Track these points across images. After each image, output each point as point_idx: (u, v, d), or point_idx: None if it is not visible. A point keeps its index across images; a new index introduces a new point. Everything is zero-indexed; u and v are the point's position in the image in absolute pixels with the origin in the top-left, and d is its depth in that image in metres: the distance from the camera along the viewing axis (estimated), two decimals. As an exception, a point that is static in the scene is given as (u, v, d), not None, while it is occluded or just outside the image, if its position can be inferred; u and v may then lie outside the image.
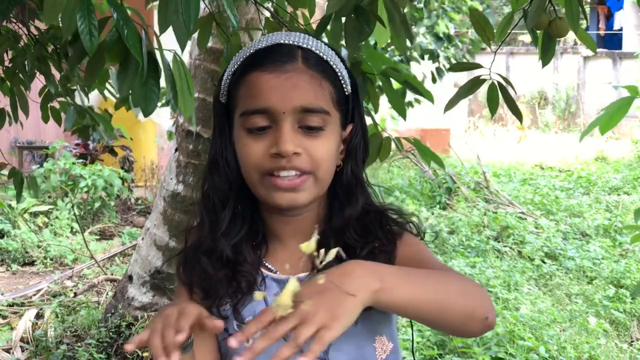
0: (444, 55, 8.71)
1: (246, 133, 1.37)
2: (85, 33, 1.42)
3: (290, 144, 1.32)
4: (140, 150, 10.16)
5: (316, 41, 1.41)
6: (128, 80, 1.52)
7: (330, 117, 1.37)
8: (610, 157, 13.70)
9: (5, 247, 6.83)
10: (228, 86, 1.42)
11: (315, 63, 1.37)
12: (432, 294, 1.23)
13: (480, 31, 2.31)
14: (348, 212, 1.42)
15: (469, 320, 1.26)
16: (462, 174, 10.06)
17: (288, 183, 1.35)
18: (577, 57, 18.71)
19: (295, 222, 1.43)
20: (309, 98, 1.34)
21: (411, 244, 1.43)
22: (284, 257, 1.43)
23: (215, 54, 4.17)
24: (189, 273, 1.44)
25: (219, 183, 1.43)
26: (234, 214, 1.43)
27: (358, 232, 1.41)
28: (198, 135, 4.30)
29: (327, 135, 1.37)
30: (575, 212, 8.76)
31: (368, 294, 1.15)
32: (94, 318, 4.87)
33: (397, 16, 1.95)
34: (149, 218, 4.79)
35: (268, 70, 1.35)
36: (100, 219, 8.23)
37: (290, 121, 1.33)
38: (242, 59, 1.41)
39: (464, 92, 2.32)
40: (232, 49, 2.39)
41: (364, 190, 1.45)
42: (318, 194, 1.39)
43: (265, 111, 1.34)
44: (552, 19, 2.26)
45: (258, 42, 1.42)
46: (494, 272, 6.17)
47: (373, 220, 1.43)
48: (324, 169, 1.37)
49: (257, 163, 1.36)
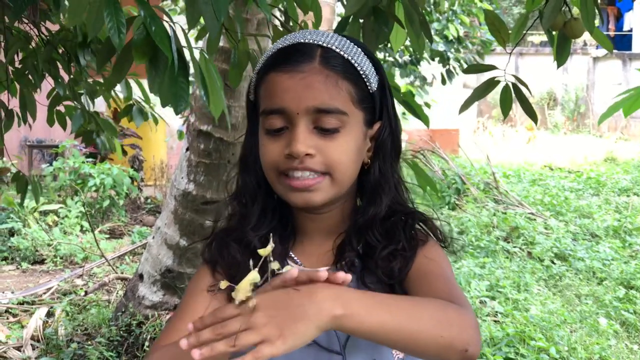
0: (454, 57, 8.71)
1: (265, 133, 1.37)
2: (114, 30, 1.41)
3: (302, 145, 1.32)
4: (149, 149, 10.18)
5: (340, 39, 1.39)
6: (159, 78, 1.52)
7: (348, 117, 1.35)
8: (620, 158, 13.67)
9: (16, 245, 6.86)
10: (254, 85, 1.43)
11: (335, 62, 1.35)
12: (403, 322, 1.17)
13: (495, 32, 2.30)
14: (372, 211, 1.40)
15: (446, 351, 1.20)
16: (471, 174, 10.05)
17: (301, 183, 1.34)
18: (586, 58, 18.67)
19: (320, 218, 1.43)
20: (322, 98, 1.33)
21: (431, 257, 1.40)
22: (311, 251, 1.43)
23: (226, 54, 4.16)
24: (216, 254, 1.44)
25: (249, 180, 1.44)
26: (263, 209, 1.43)
27: (381, 233, 1.40)
28: (209, 134, 4.30)
29: (345, 136, 1.35)
30: (585, 213, 8.73)
31: (326, 319, 1.10)
32: (104, 316, 4.88)
33: (417, 17, 1.94)
34: (160, 217, 4.80)
35: (284, 71, 1.35)
36: (109, 218, 8.25)
37: (305, 122, 1.33)
38: (265, 59, 1.41)
39: (478, 94, 2.31)
40: (239, 54, 2.41)
41: (390, 189, 1.43)
42: (336, 194, 1.38)
43: (280, 112, 1.34)
44: (567, 19, 2.25)
45: (282, 40, 1.41)
46: (504, 273, 6.16)
47: (398, 223, 1.41)
48: (341, 170, 1.36)
49: (273, 163, 1.36)
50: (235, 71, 2.45)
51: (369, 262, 1.39)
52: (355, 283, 1.38)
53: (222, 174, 4.33)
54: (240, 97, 4.24)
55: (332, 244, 1.42)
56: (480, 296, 5.54)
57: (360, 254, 1.40)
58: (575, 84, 18.79)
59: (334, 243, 1.42)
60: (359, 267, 1.39)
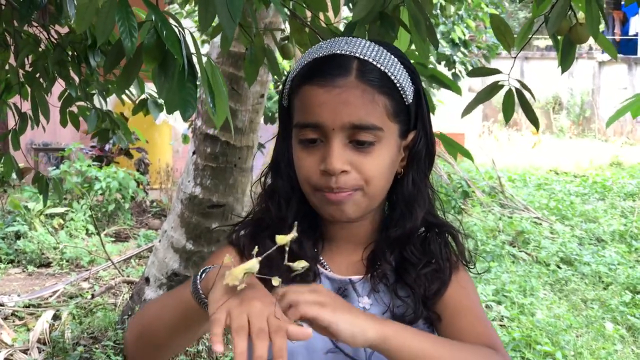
0: (460, 60, 8.71)
1: (299, 145, 1.36)
2: (126, 34, 1.41)
3: (338, 162, 1.31)
4: (155, 153, 10.19)
5: (376, 49, 1.37)
6: (168, 83, 1.51)
7: (384, 132, 1.34)
8: (626, 162, 13.64)
9: (22, 248, 6.87)
10: (288, 92, 1.41)
11: (371, 76, 1.33)
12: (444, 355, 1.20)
13: (501, 37, 2.30)
14: (409, 225, 1.39)
15: None
16: (476, 178, 10.04)
17: (336, 197, 1.33)
18: (592, 63, 18.64)
19: (350, 228, 1.42)
20: (359, 115, 1.31)
21: (463, 285, 1.41)
22: (340, 259, 1.43)
23: (234, 58, 4.18)
24: (248, 241, 1.42)
25: (282, 185, 1.43)
26: (297, 212, 1.42)
27: (418, 248, 1.40)
28: (216, 138, 4.31)
29: (379, 150, 1.34)
30: (591, 218, 8.72)
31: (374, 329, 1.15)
32: (110, 320, 4.89)
33: (423, 21, 1.94)
34: (166, 220, 4.81)
35: (320, 85, 1.33)
36: (115, 221, 8.26)
37: (340, 137, 1.31)
38: (300, 67, 1.39)
39: (482, 97, 2.31)
40: (255, 50, 2.39)
41: (425, 201, 1.42)
42: (368, 207, 1.37)
43: (315, 126, 1.33)
44: (572, 24, 2.25)
45: (317, 49, 1.39)
46: (510, 277, 6.16)
47: (434, 238, 1.42)
48: (374, 184, 1.35)
49: (308, 178, 1.35)
50: (251, 67, 2.42)
51: (405, 275, 1.39)
52: (388, 295, 1.39)
53: (229, 178, 4.35)
54: (247, 101, 4.25)
55: (362, 254, 1.42)
56: (487, 300, 5.54)
57: (393, 267, 1.40)
58: (580, 88, 18.76)
59: (363, 253, 1.42)
60: (391, 279, 1.39)
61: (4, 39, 3.18)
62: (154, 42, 1.49)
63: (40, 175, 3.45)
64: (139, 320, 1.39)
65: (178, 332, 1.30)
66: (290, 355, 1.31)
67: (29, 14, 1.84)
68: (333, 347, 1.35)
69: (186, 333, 1.32)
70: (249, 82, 2.47)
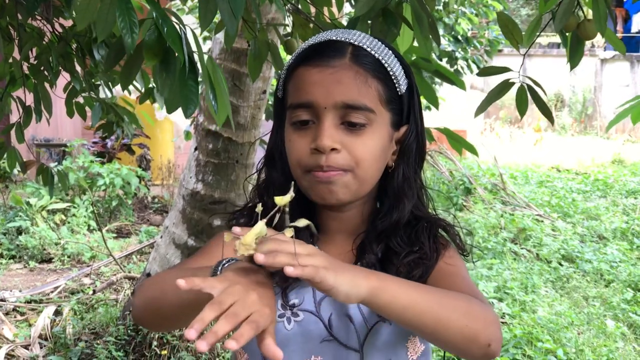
0: (462, 56, 8.70)
1: (292, 128, 1.37)
2: (126, 31, 1.40)
3: (328, 139, 1.31)
4: (157, 149, 10.21)
5: (371, 39, 1.39)
6: (169, 80, 1.51)
7: (376, 116, 1.35)
8: (627, 160, 13.64)
9: (23, 244, 6.88)
10: (283, 81, 1.43)
11: (365, 60, 1.35)
12: (433, 305, 1.19)
13: (508, 35, 2.29)
14: (396, 216, 1.40)
15: (470, 343, 1.21)
16: (478, 175, 10.04)
17: (325, 175, 1.33)
18: (594, 60, 18.63)
19: (341, 218, 1.43)
20: (351, 94, 1.32)
21: (452, 263, 1.42)
22: (332, 249, 1.42)
23: (235, 54, 4.17)
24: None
25: (276, 176, 1.44)
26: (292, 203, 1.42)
27: (404, 239, 1.40)
28: (218, 134, 4.31)
29: (370, 134, 1.35)
30: (592, 215, 8.72)
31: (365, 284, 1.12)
32: (112, 315, 4.89)
33: (426, 18, 1.94)
34: (168, 216, 4.81)
35: (314, 65, 1.35)
36: (117, 217, 8.26)
37: (332, 117, 1.33)
38: (296, 55, 1.41)
39: (493, 97, 2.30)
40: (259, 45, 2.38)
41: (414, 195, 1.42)
42: (358, 191, 1.38)
43: (308, 105, 1.34)
44: (580, 21, 2.25)
45: (313, 38, 1.42)
46: (511, 274, 6.16)
47: (423, 229, 1.42)
48: (365, 167, 1.35)
49: (299, 159, 1.36)
50: (255, 63, 2.42)
51: (389, 266, 1.39)
52: None
53: (231, 174, 4.34)
54: (249, 97, 4.24)
55: (352, 244, 1.43)
56: (488, 297, 5.54)
57: (379, 258, 1.40)
58: (582, 85, 18.77)
59: (353, 244, 1.43)
60: (377, 268, 1.39)
61: (8, 32, 3.18)
62: (154, 38, 1.48)
63: (45, 167, 3.44)
64: (146, 292, 1.36)
65: (184, 313, 1.29)
66: (286, 344, 1.33)
67: (35, 7, 1.83)
68: (328, 335, 1.36)
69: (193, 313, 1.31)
70: (253, 78, 2.46)
